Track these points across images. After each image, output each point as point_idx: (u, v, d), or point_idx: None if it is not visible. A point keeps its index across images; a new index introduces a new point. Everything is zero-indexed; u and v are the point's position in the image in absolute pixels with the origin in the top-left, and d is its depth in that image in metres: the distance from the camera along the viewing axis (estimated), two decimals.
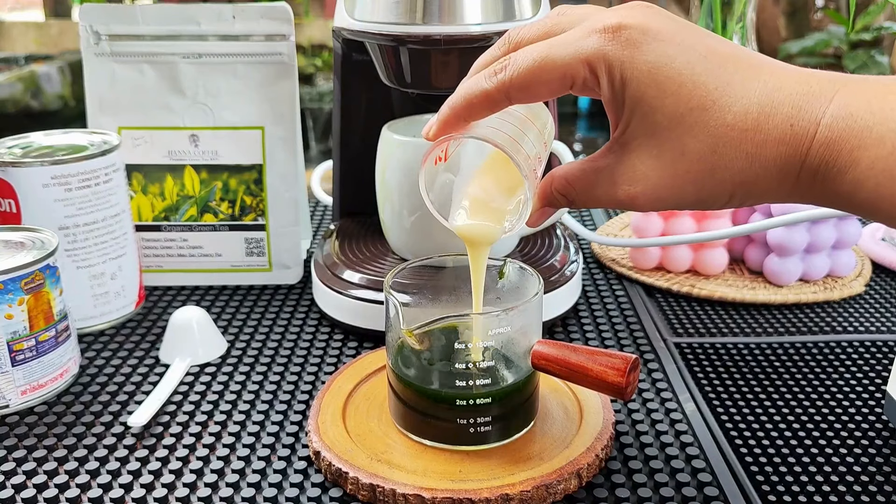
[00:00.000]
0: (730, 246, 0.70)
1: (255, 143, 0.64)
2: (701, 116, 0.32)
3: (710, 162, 0.33)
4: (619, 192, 0.35)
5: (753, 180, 0.33)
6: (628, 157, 0.34)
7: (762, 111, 0.31)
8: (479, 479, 0.40)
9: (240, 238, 0.66)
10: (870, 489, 0.41)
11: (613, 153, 0.35)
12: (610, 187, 0.35)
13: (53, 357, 0.50)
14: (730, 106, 0.32)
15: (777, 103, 0.31)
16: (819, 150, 0.31)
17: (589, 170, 0.36)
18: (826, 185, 0.31)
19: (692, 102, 0.32)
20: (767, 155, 0.32)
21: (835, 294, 0.64)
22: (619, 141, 0.34)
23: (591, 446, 0.42)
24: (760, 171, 0.32)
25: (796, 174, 0.32)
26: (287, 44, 0.63)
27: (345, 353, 0.56)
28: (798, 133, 0.31)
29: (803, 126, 0.31)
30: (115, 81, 0.64)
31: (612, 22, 0.33)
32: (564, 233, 0.66)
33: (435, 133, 0.37)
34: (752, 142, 0.32)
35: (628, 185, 0.34)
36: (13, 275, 0.47)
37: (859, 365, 0.54)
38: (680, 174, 0.33)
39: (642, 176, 0.34)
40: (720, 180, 0.33)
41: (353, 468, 0.41)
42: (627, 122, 0.34)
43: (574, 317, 0.61)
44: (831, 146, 0.31)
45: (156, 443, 0.45)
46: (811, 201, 0.33)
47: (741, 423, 0.47)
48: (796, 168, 0.32)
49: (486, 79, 0.35)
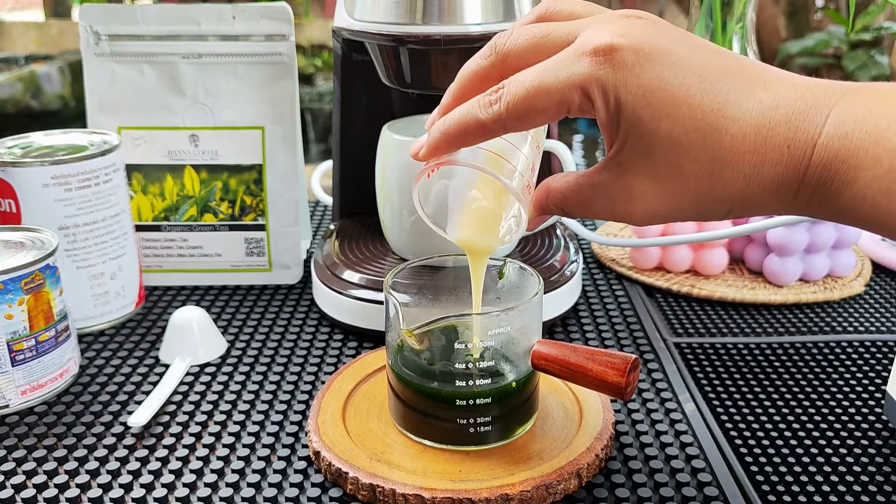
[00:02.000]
0: (730, 246, 0.70)
1: (255, 143, 0.64)
2: (697, 139, 0.32)
3: (707, 183, 0.33)
4: (616, 209, 0.35)
5: (751, 198, 0.33)
6: (624, 176, 0.34)
7: (759, 133, 0.32)
8: (479, 479, 0.40)
9: (240, 238, 0.66)
10: (870, 489, 0.41)
11: (609, 171, 0.35)
12: (606, 203, 0.35)
13: (53, 357, 0.50)
14: (727, 128, 0.32)
15: (774, 124, 0.32)
16: (816, 170, 0.31)
17: (585, 185, 0.36)
18: (824, 201, 0.32)
19: (688, 125, 0.32)
20: (765, 176, 0.32)
21: (835, 294, 0.64)
22: (615, 160, 0.34)
23: (591, 446, 0.42)
24: (758, 189, 0.32)
25: (794, 192, 0.32)
26: (287, 44, 0.63)
27: (345, 353, 0.56)
28: (795, 154, 0.31)
29: (800, 147, 0.31)
30: (115, 81, 0.64)
31: (603, 42, 0.32)
32: (564, 233, 0.66)
33: (424, 155, 0.36)
34: (750, 164, 0.32)
35: (625, 203, 0.35)
36: (13, 275, 0.47)
37: (859, 365, 0.54)
38: (678, 194, 0.34)
39: (639, 195, 0.34)
40: (718, 199, 0.33)
41: (353, 468, 0.41)
42: (623, 143, 0.34)
43: (574, 317, 0.61)
44: (828, 166, 0.31)
45: (156, 443, 0.45)
46: (810, 215, 0.33)
47: (741, 423, 0.47)
48: (794, 187, 0.32)
49: (481, 109, 0.34)
